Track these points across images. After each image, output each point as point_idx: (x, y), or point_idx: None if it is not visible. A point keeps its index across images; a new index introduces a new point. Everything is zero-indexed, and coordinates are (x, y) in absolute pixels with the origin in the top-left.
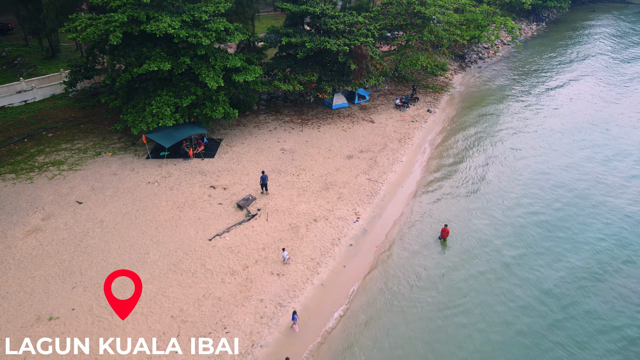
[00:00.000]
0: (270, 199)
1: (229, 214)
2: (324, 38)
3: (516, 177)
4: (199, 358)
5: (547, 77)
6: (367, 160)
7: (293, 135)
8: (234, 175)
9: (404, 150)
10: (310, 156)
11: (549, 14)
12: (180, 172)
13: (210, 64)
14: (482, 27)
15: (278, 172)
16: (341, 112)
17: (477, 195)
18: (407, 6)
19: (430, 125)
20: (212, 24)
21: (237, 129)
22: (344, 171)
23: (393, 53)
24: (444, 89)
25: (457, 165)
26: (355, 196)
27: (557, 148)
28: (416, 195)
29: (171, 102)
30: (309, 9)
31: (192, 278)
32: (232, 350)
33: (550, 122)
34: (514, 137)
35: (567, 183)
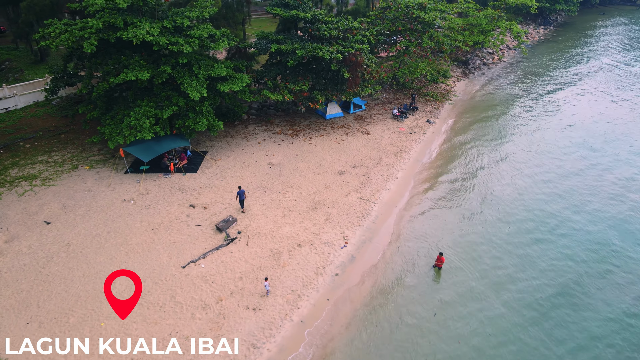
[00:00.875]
0: (252, 220)
1: (207, 237)
2: (316, 45)
3: (519, 199)
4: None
5: (555, 86)
6: (359, 176)
7: (282, 148)
8: (216, 193)
9: (400, 166)
10: (299, 171)
11: (557, 17)
12: (159, 188)
13: (194, 72)
14: (486, 32)
15: (263, 190)
16: (335, 123)
17: (476, 218)
18: (406, 11)
19: (430, 137)
20: (195, 31)
21: (224, 140)
22: (334, 189)
23: (391, 59)
24: (445, 98)
25: (456, 183)
26: (344, 217)
27: (564, 165)
28: (411, 217)
29: (151, 113)
30: (299, 14)
31: (159, 313)
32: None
33: (558, 137)
34: (519, 153)
35: (574, 205)
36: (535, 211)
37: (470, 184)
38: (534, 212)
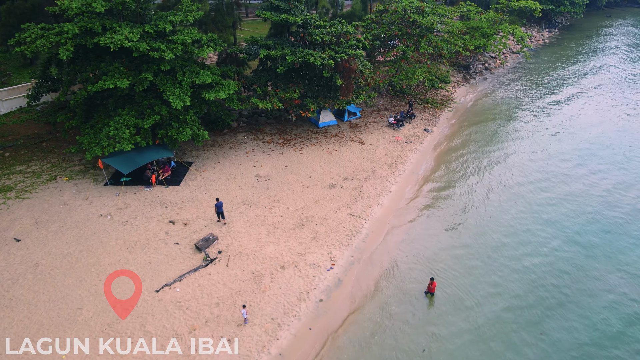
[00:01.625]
0: (234, 239)
1: (185, 257)
2: (308, 50)
3: (520, 215)
4: None
5: (559, 92)
6: (351, 190)
7: (272, 158)
8: (199, 208)
9: (394, 178)
10: (288, 184)
11: (563, 20)
12: (138, 202)
13: (178, 79)
14: (488, 36)
15: (249, 204)
16: (328, 131)
17: (474, 236)
18: (403, 15)
19: (426, 147)
20: (179, 36)
21: (211, 150)
22: (324, 204)
23: (388, 64)
24: (444, 104)
25: (452, 197)
26: (332, 236)
27: (568, 176)
28: (403, 235)
29: (132, 122)
30: (289, 19)
31: (125, 344)
32: None
33: (563, 147)
34: (521, 164)
35: (581, 224)
36: (538, 227)
37: (467, 199)
38: (536, 228)
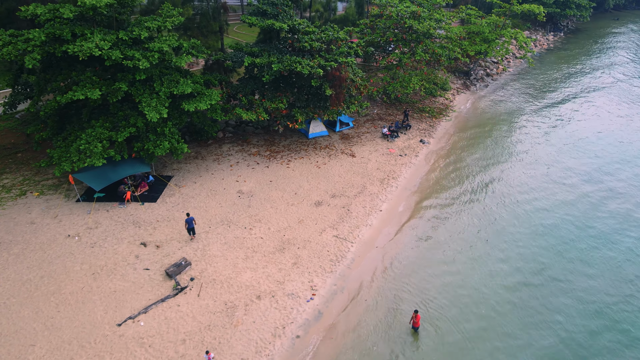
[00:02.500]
0: (209, 264)
1: (154, 284)
2: (296, 58)
3: (518, 238)
4: None
5: (564, 100)
6: (338, 208)
7: (256, 172)
8: (174, 228)
9: (386, 195)
10: (271, 202)
11: (568, 23)
12: (110, 221)
13: (155, 89)
14: (489, 41)
15: (228, 224)
16: (318, 143)
17: (467, 262)
18: (398, 20)
19: (422, 160)
20: (155, 43)
21: (193, 162)
22: (308, 224)
23: (382, 72)
24: (442, 113)
25: (447, 218)
26: (315, 261)
27: (573, 195)
28: (391, 260)
29: (105, 135)
30: (274, 25)
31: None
32: None
33: (568, 162)
34: (521, 180)
35: (586, 250)
36: (537, 253)
37: (463, 220)
38: (535, 254)
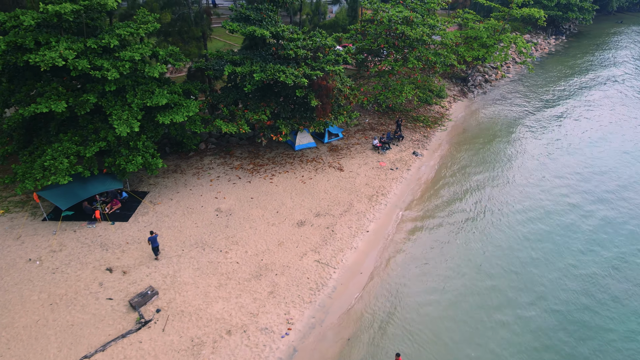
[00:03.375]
0: (178, 292)
1: (117, 317)
2: (279, 67)
3: (516, 265)
4: None
5: (566, 108)
6: (322, 229)
7: (237, 188)
8: (144, 251)
9: (374, 214)
10: (251, 221)
11: (570, 26)
12: (76, 243)
13: (127, 101)
14: (487, 46)
15: (202, 247)
16: (305, 155)
17: (459, 294)
18: (389, 26)
19: (414, 175)
20: (126, 52)
21: (171, 177)
22: (289, 247)
23: (373, 80)
24: (438, 123)
25: (439, 241)
26: (293, 290)
27: (574, 216)
28: (377, 288)
29: (72, 150)
30: (256, 32)
31: None
32: None
33: (570, 178)
34: (521, 197)
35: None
36: (537, 281)
37: (455, 241)
38: (535, 283)
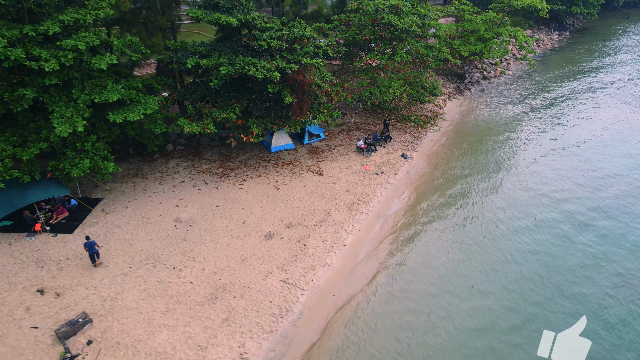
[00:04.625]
0: (117, 319)
1: (39, 350)
2: (250, 59)
3: (508, 289)
4: None
5: (569, 108)
6: (292, 242)
7: (202, 194)
8: (84, 269)
9: (353, 225)
10: (213, 233)
11: (574, 22)
12: (9, 259)
13: (73, 96)
14: (485, 40)
15: (154, 263)
16: (282, 157)
17: (444, 321)
18: (375, 15)
19: (402, 180)
20: (70, 40)
21: (131, 182)
22: (252, 264)
23: (358, 75)
24: (430, 122)
25: (425, 257)
26: (252, 316)
27: (577, 230)
28: (350, 314)
29: (7, 152)
30: (220, 19)
31: None
32: None
33: (572, 183)
34: (521, 207)
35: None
36: (530, 309)
37: (444, 256)
38: (528, 310)
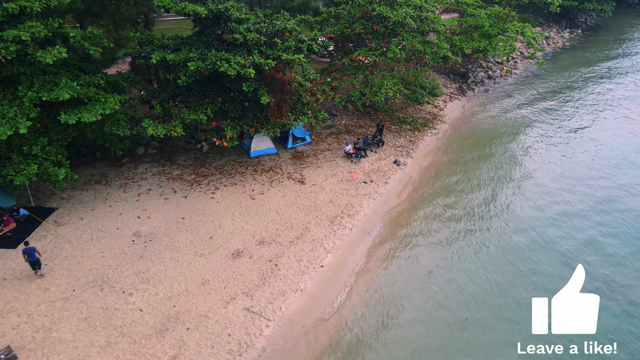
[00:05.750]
0: (47, 356)
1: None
2: (223, 54)
3: (507, 310)
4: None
5: (580, 112)
6: (263, 262)
7: (169, 204)
8: (21, 291)
9: (334, 242)
10: (174, 250)
11: (587, 19)
12: None
13: (19, 94)
14: (490, 37)
15: (101, 286)
16: (262, 163)
17: (436, 350)
18: (365, 6)
19: (393, 189)
20: (12, 31)
21: (92, 189)
22: (214, 287)
23: (348, 74)
24: (428, 125)
25: (412, 281)
26: (205, 353)
27: (587, 254)
28: (323, 350)
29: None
30: (185, 8)
31: None
32: None
33: (586, 200)
34: (526, 225)
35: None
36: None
37: (435, 283)
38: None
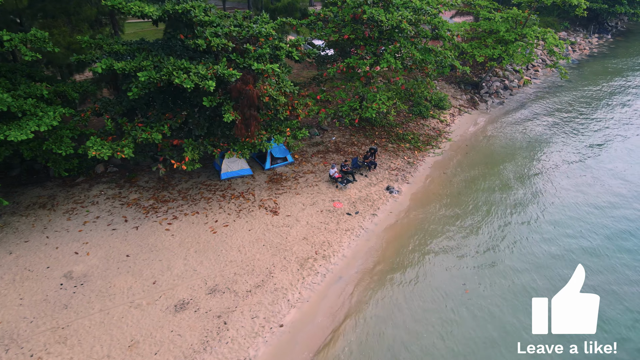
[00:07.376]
0: None
1: None
2: (183, 63)
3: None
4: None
5: (609, 129)
6: (210, 318)
7: (115, 237)
8: None
9: (301, 292)
10: (107, 298)
11: (618, 23)
12: None
13: None
14: (506, 43)
15: (6, 347)
16: (233, 187)
17: None
18: (355, 9)
19: (382, 223)
20: None
21: (34, 215)
22: (143, 352)
23: (338, 85)
24: (431, 144)
25: (403, 342)
26: None
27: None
28: None
29: None
30: (132, 9)
31: None
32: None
33: (614, 237)
34: (532, 268)
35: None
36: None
37: (423, 347)
38: None
